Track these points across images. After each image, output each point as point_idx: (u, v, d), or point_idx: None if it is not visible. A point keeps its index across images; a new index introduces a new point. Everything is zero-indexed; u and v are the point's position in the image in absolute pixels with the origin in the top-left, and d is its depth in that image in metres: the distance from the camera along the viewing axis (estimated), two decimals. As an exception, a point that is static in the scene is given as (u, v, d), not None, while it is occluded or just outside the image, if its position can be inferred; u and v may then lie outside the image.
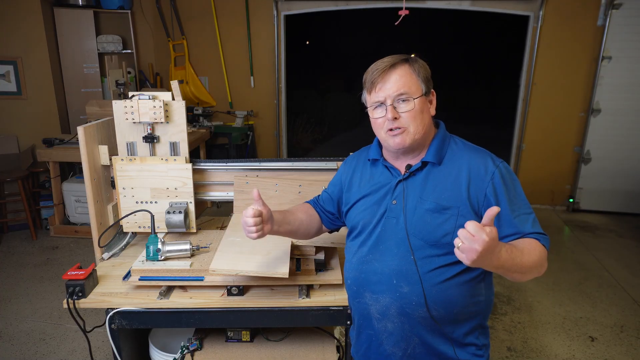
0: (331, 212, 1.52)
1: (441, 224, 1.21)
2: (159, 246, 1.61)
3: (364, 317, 1.35)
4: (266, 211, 1.27)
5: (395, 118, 1.22)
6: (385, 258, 1.27)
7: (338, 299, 1.58)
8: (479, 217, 1.19)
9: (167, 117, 1.79)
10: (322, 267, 1.67)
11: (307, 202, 1.59)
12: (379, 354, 1.34)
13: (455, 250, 1.03)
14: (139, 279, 1.57)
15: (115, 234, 1.94)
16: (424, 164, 1.27)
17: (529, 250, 1.14)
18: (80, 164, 2.17)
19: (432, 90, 1.29)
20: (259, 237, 1.26)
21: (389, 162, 1.34)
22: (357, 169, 1.44)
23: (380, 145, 1.38)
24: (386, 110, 1.23)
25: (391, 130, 1.24)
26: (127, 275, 1.63)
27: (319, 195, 1.59)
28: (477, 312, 1.27)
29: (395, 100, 1.22)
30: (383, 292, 1.27)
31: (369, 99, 1.28)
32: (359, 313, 1.37)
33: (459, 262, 1.17)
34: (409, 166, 1.28)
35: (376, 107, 1.26)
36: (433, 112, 1.29)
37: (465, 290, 1.23)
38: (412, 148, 1.27)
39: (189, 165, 1.85)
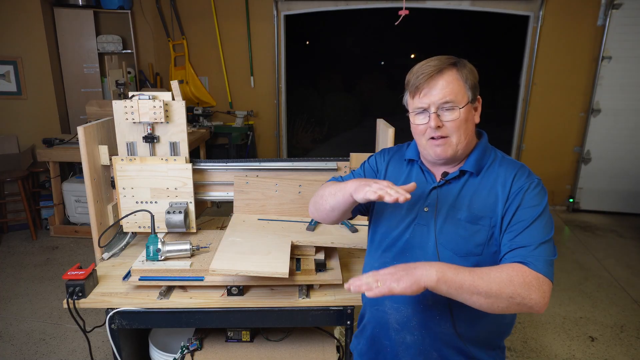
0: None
1: (473, 234, 1.15)
2: (159, 246, 1.61)
3: (381, 326, 1.28)
4: None
5: (439, 127, 1.15)
6: None
7: (338, 299, 1.58)
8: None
9: (167, 117, 1.79)
10: (322, 267, 1.67)
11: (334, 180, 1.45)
12: None
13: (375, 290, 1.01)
14: (139, 279, 1.57)
15: (115, 234, 1.94)
16: (461, 172, 1.21)
17: (494, 271, 1.05)
18: (80, 164, 2.17)
19: (479, 96, 1.21)
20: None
21: (425, 165, 1.28)
22: (391, 164, 1.37)
23: (418, 147, 1.31)
24: (429, 117, 1.16)
25: (433, 138, 1.17)
26: (127, 275, 1.63)
27: (343, 178, 1.45)
28: (500, 333, 1.24)
29: (439, 107, 1.15)
30: (406, 303, 1.21)
31: (412, 103, 1.20)
32: (375, 321, 1.30)
33: None
34: (445, 173, 1.22)
35: (418, 113, 1.19)
36: (477, 119, 1.22)
37: None
38: (453, 159, 1.21)
39: (189, 165, 1.85)
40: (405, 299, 1.21)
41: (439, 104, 1.15)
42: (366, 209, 1.41)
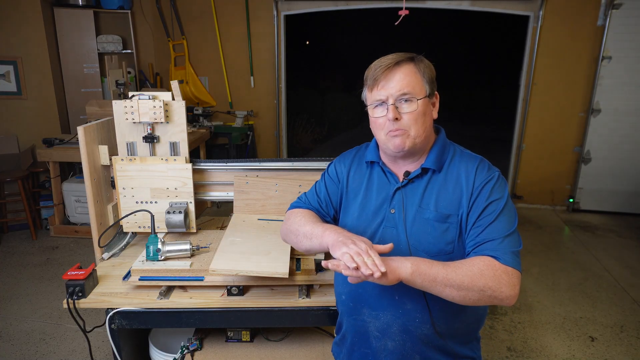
0: (333, 213, 1.39)
1: (443, 233, 1.16)
2: (159, 246, 1.61)
3: (360, 334, 1.28)
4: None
5: (397, 119, 1.15)
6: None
7: (338, 299, 1.58)
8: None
9: (167, 117, 1.79)
10: (322, 267, 1.67)
11: (300, 207, 1.40)
12: None
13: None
14: (139, 279, 1.57)
15: (115, 234, 1.94)
16: (423, 170, 1.21)
17: (465, 265, 1.07)
18: (80, 164, 2.18)
19: (436, 92, 1.23)
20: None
21: (387, 166, 1.28)
22: (352, 170, 1.35)
23: (378, 148, 1.31)
24: (387, 109, 1.16)
25: (391, 131, 1.18)
26: (127, 275, 1.63)
27: (308, 196, 1.42)
28: (476, 325, 1.26)
29: (397, 99, 1.15)
30: (384, 309, 1.21)
31: (370, 96, 1.21)
32: (354, 330, 1.30)
33: None
34: (407, 173, 1.22)
35: (377, 105, 1.19)
36: (435, 115, 1.22)
37: None
38: (412, 152, 1.21)
39: (189, 165, 1.85)
40: (383, 306, 1.21)
41: (396, 95, 1.15)
42: (335, 212, 1.39)
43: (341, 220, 1.35)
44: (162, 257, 1.62)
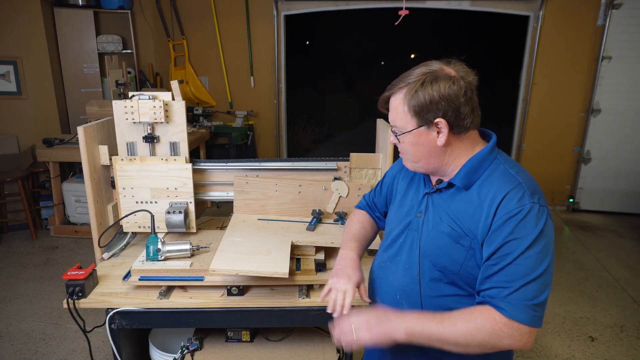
0: (383, 209, 1.48)
1: (453, 251, 1.11)
2: (159, 246, 1.60)
3: None
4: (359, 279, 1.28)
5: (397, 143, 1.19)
6: (397, 270, 1.22)
7: (338, 299, 1.58)
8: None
9: (167, 117, 1.79)
10: (322, 267, 1.67)
11: (360, 207, 1.54)
12: (381, 357, 1.34)
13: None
14: (139, 279, 1.57)
15: (115, 234, 1.94)
16: (449, 184, 1.16)
17: (461, 320, 1.02)
18: (80, 164, 2.17)
19: (441, 118, 1.07)
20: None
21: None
22: (400, 174, 1.37)
23: None
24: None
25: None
26: (127, 275, 1.63)
27: (369, 195, 1.53)
28: (484, 356, 1.11)
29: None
30: (386, 303, 1.25)
31: None
32: None
33: (466, 295, 1.11)
34: (439, 181, 1.19)
35: None
36: (442, 142, 1.09)
37: None
38: (427, 173, 1.20)
39: (189, 165, 1.85)
40: (386, 299, 1.25)
41: (391, 125, 1.18)
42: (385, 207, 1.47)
43: (388, 213, 1.39)
44: (162, 257, 1.62)
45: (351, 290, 1.21)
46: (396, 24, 2.81)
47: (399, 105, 1.11)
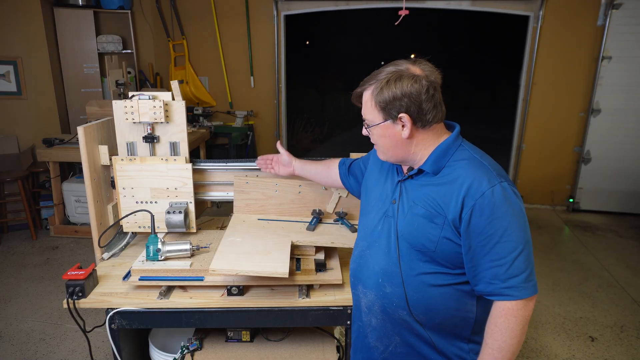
0: (354, 180, 1.64)
1: (428, 230, 1.20)
2: (159, 246, 1.61)
3: (357, 307, 1.42)
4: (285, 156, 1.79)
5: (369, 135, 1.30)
6: (377, 255, 1.30)
7: (338, 299, 1.58)
8: (458, 234, 1.17)
9: (167, 117, 1.79)
10: (322, 267, 1.67)
11: (337, 159, 1.76)
12: (364, 345, 1.40)
13: None
14: (139, 279, 1.57)
15: (115, 234, 1.94)
16: (419, 171, 1.26)
17: (495, 334, 1.15)
18: (80, 164, 2.18)
19: (404, 113, 1.18)
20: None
21: None
22: (373, 157, 1.50)
23: None
24: None
25: None
26: (127, 275, 1.63)
27: (353, 159, 1.70)
28: (464, 326, 1.26)
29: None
30: (370, 288, 1.32)
31: None
32: (354, 303, 1.44)
33: (444, 272, 1.21)
34: (410, 169, 1.29)
35: None
36: (406, 134, 1.20)
37: (449, 300, 1.22)
38: (397, 162, 1.31)
39: (189, 165, 1.85)
40: (369, 285, 1.32)
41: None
42: (358, 189, 1.63)
43: (363, 198, 1.48)
44: (162, 257, 1.62)
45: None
46: (396, 24, 2.81)
47: (368, 100, 1.24)
